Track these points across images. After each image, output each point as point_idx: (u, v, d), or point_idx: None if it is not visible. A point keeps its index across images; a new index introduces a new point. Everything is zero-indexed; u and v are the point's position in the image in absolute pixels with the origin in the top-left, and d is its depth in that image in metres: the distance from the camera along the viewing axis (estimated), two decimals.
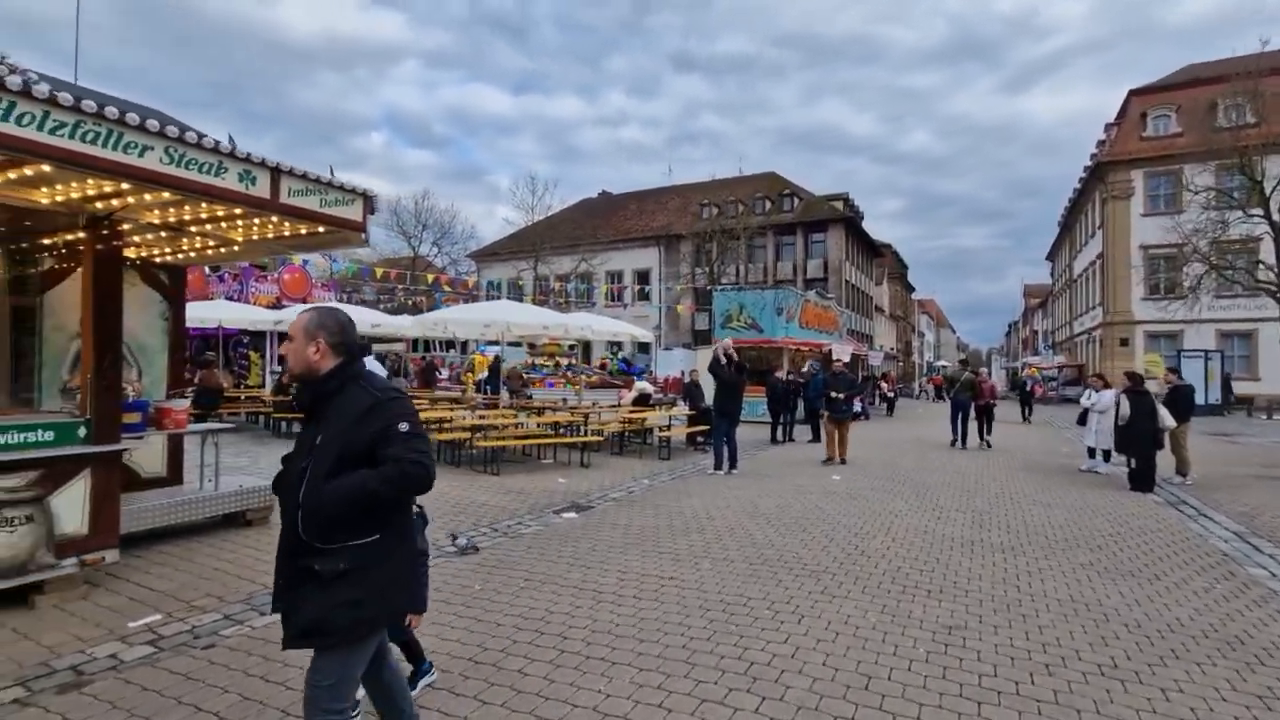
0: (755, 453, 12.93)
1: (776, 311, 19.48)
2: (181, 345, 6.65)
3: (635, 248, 45.89)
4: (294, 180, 4.39)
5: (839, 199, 44.74)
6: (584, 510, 7.50)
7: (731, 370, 10.49)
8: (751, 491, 8.74)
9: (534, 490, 8.57)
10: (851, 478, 10.02)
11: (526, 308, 10.29)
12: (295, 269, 17.09)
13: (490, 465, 9.73)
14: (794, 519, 7.15)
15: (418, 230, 42.54)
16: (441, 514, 7.06)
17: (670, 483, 9.40)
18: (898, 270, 72.29)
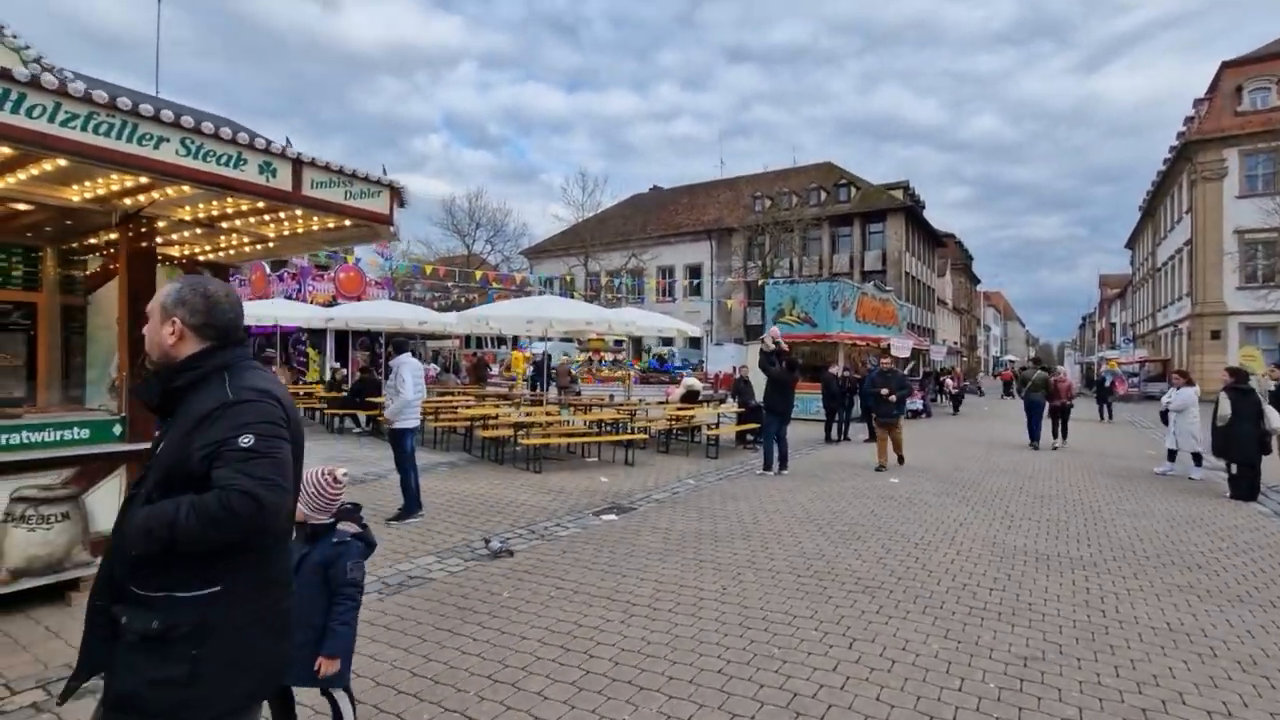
0: (808, 452, 12.40)
1: (831, 305, 18.76)
2: None
3: (686, 242, 45.40)
4: (316, 172, 4.25)
5: (898, 188, 43.08)
6: (625, 512, 7.23)
7: (782, 366, 10.02)
8: (802, 495, 8.29)
9: (575, 490, 8.35)
10: (911, 481, 9.42)
11: (569, 303, 10.10)
12: (350, 268, 17.47)
13: (533, 463, 9.58)
14: (847, 526, 6.69)
15: (471, 228, 43.20)
16: (480, 515, 6.92)
17: (717, 483, 9.03)
18: (962, 261, 69.32)
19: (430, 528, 6.36)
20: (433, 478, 8.86)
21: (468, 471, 9.39)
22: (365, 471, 9.09)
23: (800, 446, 12.82)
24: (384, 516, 6.66)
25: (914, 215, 42.60)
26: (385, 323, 11.96)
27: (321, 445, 11.39)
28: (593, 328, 9.66)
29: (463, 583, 4.86)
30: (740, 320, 42.46)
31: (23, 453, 4.14)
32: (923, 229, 45.98)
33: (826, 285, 19.11)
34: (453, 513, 6.98)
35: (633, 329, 10.51)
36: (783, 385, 9.97)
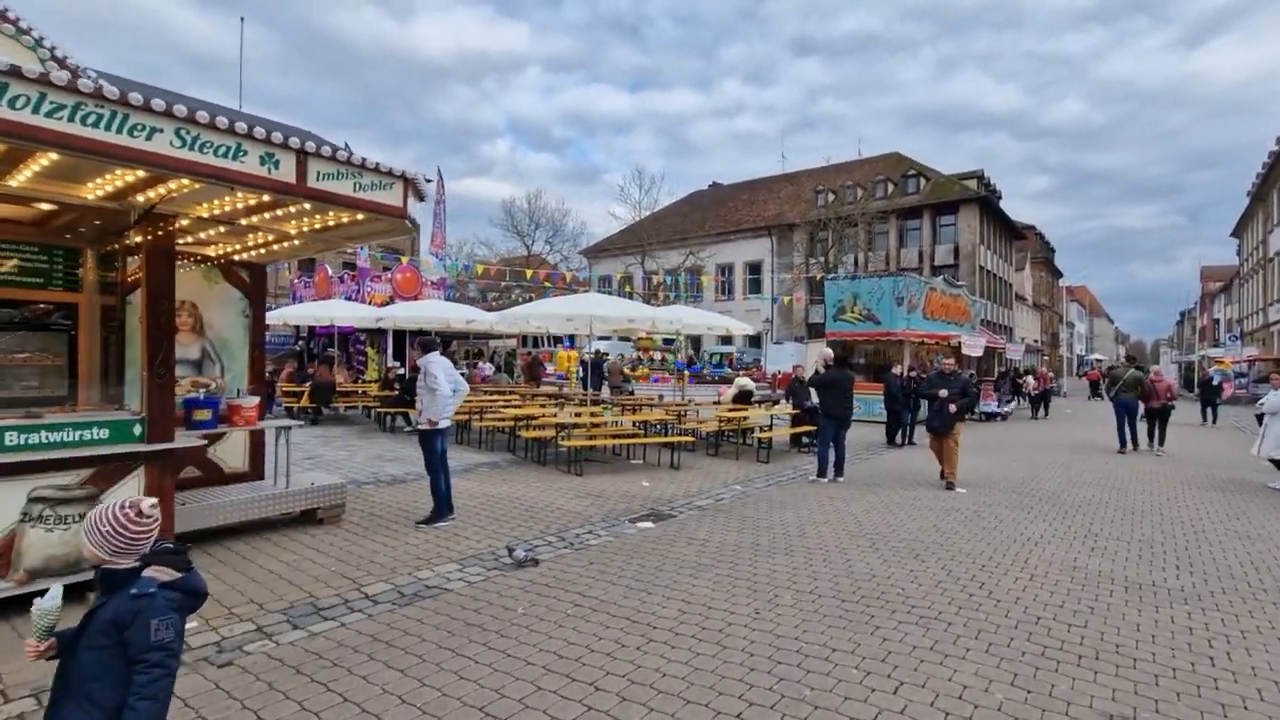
0: (868, 457, 11.67)
1: (896, 301, 17.77)
2: (261, 342, 6.71)
3: (746, 239, 44.49)
4: (322, 163, 4.06)
5: (972, 177, 40.84)
6: (662, 520, 6.84)
7: (832, 369, 9.42)
8: (856, 505, 7.69)
9: (614, 494, 8.03)
10: (980, 492, 8.64)
11: (613, 300, 9.79)
12: (406, 268, 17.79)
13: (574, 466, 9.32)
14: (904, 542, 6.08)
15: (530, 229, 43.69)
16: (512, 520, 6.68)
17: (765, 490, 8.52)
18: (1043, 254, 65.34)
19: (458, 533, 6.16)
20: (471, 479, 8.73)
21: (508, 473, 9.22)
22: (407, 471, 9.05)
23: (859, 451, 12.10)
24: (415, 519, 6.52)
25: (989, 206, 40.28)
26: (434, 322, 12.01)
27: (371, 443, 11.51)
28: (636, 325, 9.31)
29: (479, 595, 4.60)
30: (802, 318, 41.28)
31: (40, 453, 4.13)
32: (999, 220, 43.46)
33: (891, 280, 18.13)
34: (484, 517, 6.77)
35: (680, 326, 10.10)
36: (837, 388, 9.35)
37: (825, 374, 9.49)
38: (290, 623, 4.10)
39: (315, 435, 12.25)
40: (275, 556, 5.34)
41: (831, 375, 9.45)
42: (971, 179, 40.81)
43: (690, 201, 52.57)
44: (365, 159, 4.27)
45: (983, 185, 40.82)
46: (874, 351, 19.14)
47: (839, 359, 9.52)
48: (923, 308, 19.07)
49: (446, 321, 11.81)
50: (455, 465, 9.58)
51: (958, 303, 22.09)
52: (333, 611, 4.29)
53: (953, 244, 38.74)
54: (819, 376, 9.55)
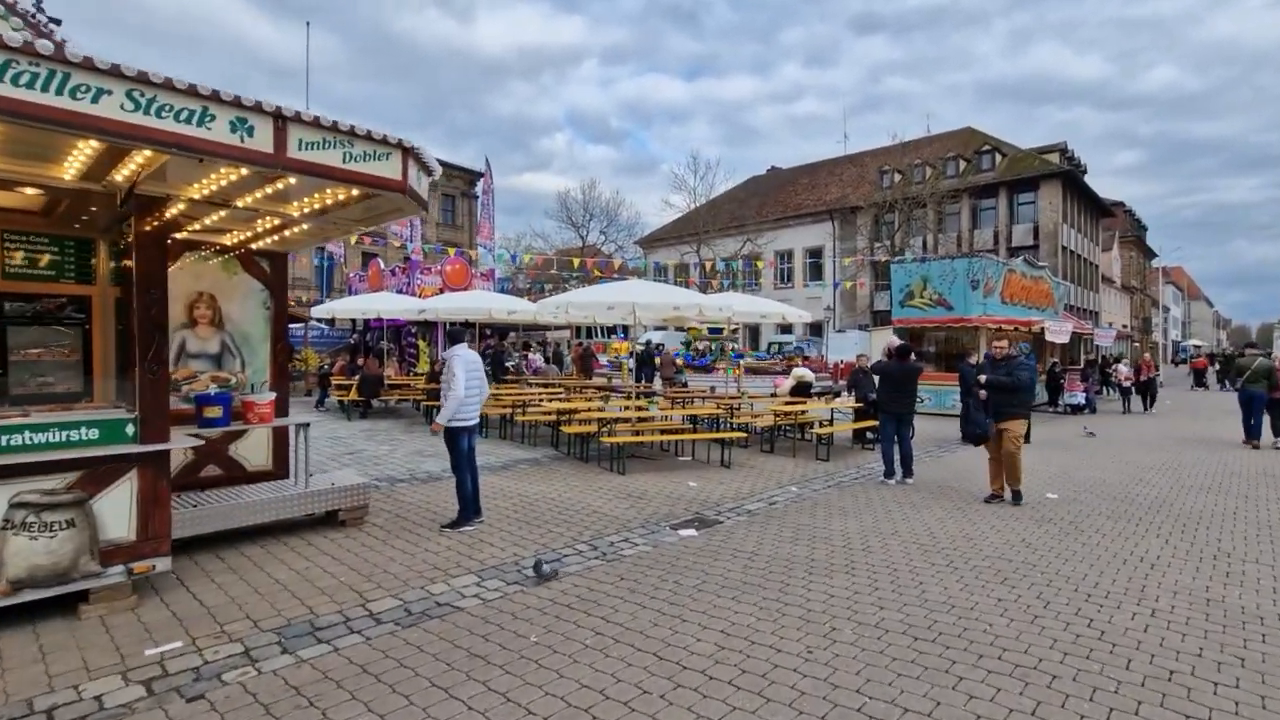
0: (940, 454, 10.65)
1: (970, 284, 16.39)
2: (283, 334, 6.40)
3: (806, 224, 42.91)
4: (304, 129, 3.58)
5: (1054, 150, 38.03)
6: (707, 526, 6.19)
7: (892, 359, 8.56)
8: (929, 512, 6.82)
9: (657, 495, 7.42)
10: (1075, 498, 7.59)
11: (655, 286, 9.17)
12: (456, 260, 17.65)
13: (617, 463, 8.76)
14: (987, 561, 5.23)
15: (585, 219, 43.43)
16: (543, 524, 6.16)
17: (824, 493, 7.73)
18: (1133, 233, 60.60)
19: (483, 539, 5.69)
20: (508, 476, 8.29)
21: (547, 471, 8.75)
22: (444, 468, 8.65)
23: (930, 447, 11.07)
24: (441, 522, 6.10)
25: (1073, 181, 37.38)
26: (477, 313, 11.70)
27: (415, 438, 11.29)
28: (682, 313, 8.65)
29: (491, 616, 4.08)
30: (867, 305, 39.51)
31: (23, 455, 3.85)
32: (1084, 196, 40.34)
33: (965, 262, 16.75)
34: (514, 520, 6.29)
35: (729, 314, 9.37)
36: (897, 381, 8.47)
37: (883, 363, 8.72)
38: (281, 645, 3.69)
39: (362, 429, 12.15)
40: (286, 563, 4.99)
41: (887, 366, 8.64)
42: (1053, 153, 37.97)
43: (748, 187, 51.17)
44: (355, 125, 3.77)
45: (1065, 159, 37.92)
46: (946, 339, 17.80)
47: (903, 349, 8.61)
48: (1000, 291, 17.58)
49: (489, 312, 11.46)
50: (493, 461, 9.24)
51: (1039, 285, 20.35)
52: (330, 632, 3.85)
53: (1032, 223, 36.17)
54: (877, 364, 8.78)
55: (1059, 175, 35.63)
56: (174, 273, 5.70)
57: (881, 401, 8.59)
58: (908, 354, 8.62)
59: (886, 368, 8.67)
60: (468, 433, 6.08)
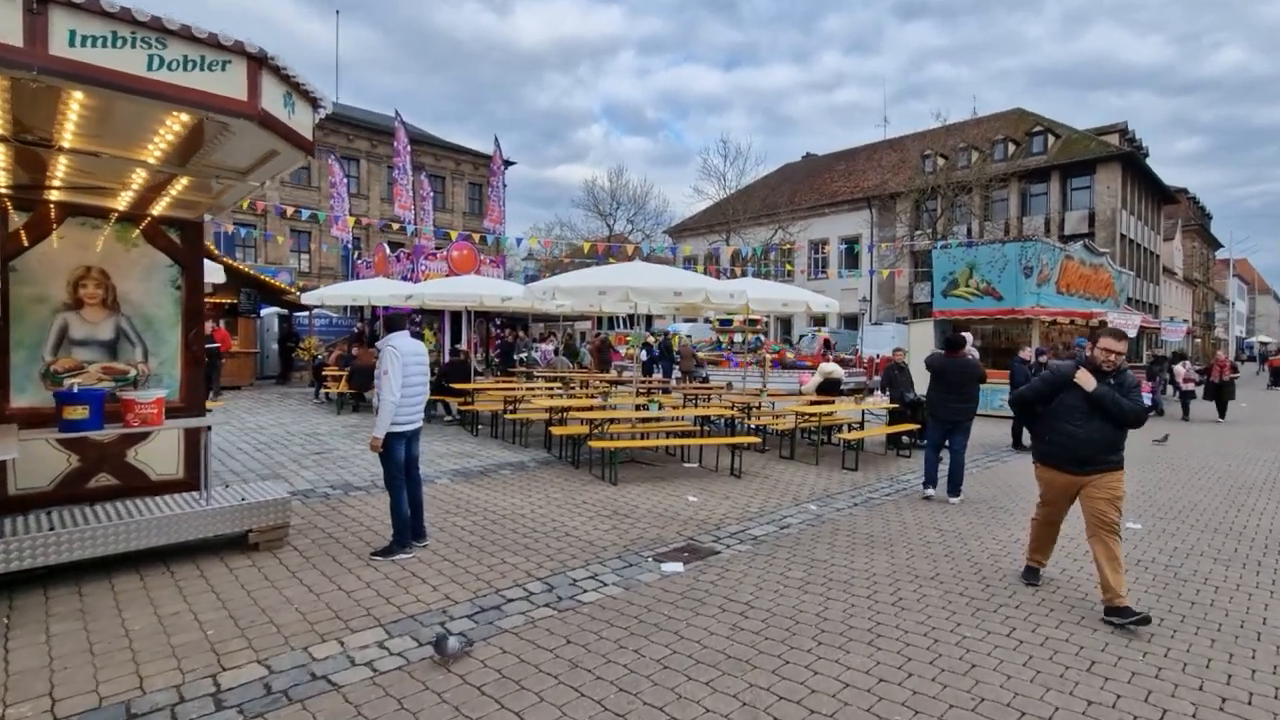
0: (988, 464, 9.24)
1: (1023, 272, 14.75)
2: (197, 317, 5.42)
3: (843, 212, 41.02)
4: (80, 17, 2.50)
5: (1112, 131, 35.39)
6: (700, 558, 5.01)
7: (944, 353, 7.20)
8: (979, 545, 5.52)
9: (649, 513, 6.26)
10: (1165, 529, 6.19)
11: (653, 268, 7.99)
12: (463, 245, 16.68)
13: (609, 470, 7.62)
14: (1062, 628, 3.93)
15: (612, 208, 42.29)
16: (498, 551, 5.03)
17: (848, 513, 6.47)
18: (1195, 222, 56.83)
19: (416, 572, 4.61)
20: (483, 485, 7.22)
21: (529, 479, 7.66)
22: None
23: (977, 456, 9.66)
24: (378, 547, 5.04)
25: (1134, 164, 34.76)
26: (467, 299, 10.69)
27: None
28: (685, 299, 7.45)
29: (369, 704, 2.99)
30: (906, 296, 37.56)
31: None
32: (1145, 181, 37.59)
33: (1016, 246, 15.09)
34: (464, 546, 5.20)
35: (740, 300, 8.13)
36: (944, 380, 7.12)
37: (936, 357, 7.33)
38: None
39: (348, 424, 11.25)
40: (157, 605, 3.98)
41: (940, 362, 7.22)
42: (1111, 133, 35.34)
43: (782, 174, 49.36)
44: (167, 17, 2.67)
45: (1125, 140, 35.25)
46: (993, 333, 16.18)
47: (953, 340, 7.24)
48: (1056, 280, 15.86)
49: (479, 299, 10.43)
50: (472, 466, 8.14)
51: (1099, 275, 18.48)
52: None
53: (1087, 209, 33.73)
54: (930, 358, 7.38)
55: (1118, 158, 33.11)
56: (52, 243, 4.73)
57: (931, 404, 7.24)
58: (960, 346, 7.23)
59: (939, 363, 7.25)
60: (406, 440, 4.99)
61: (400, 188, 16.23)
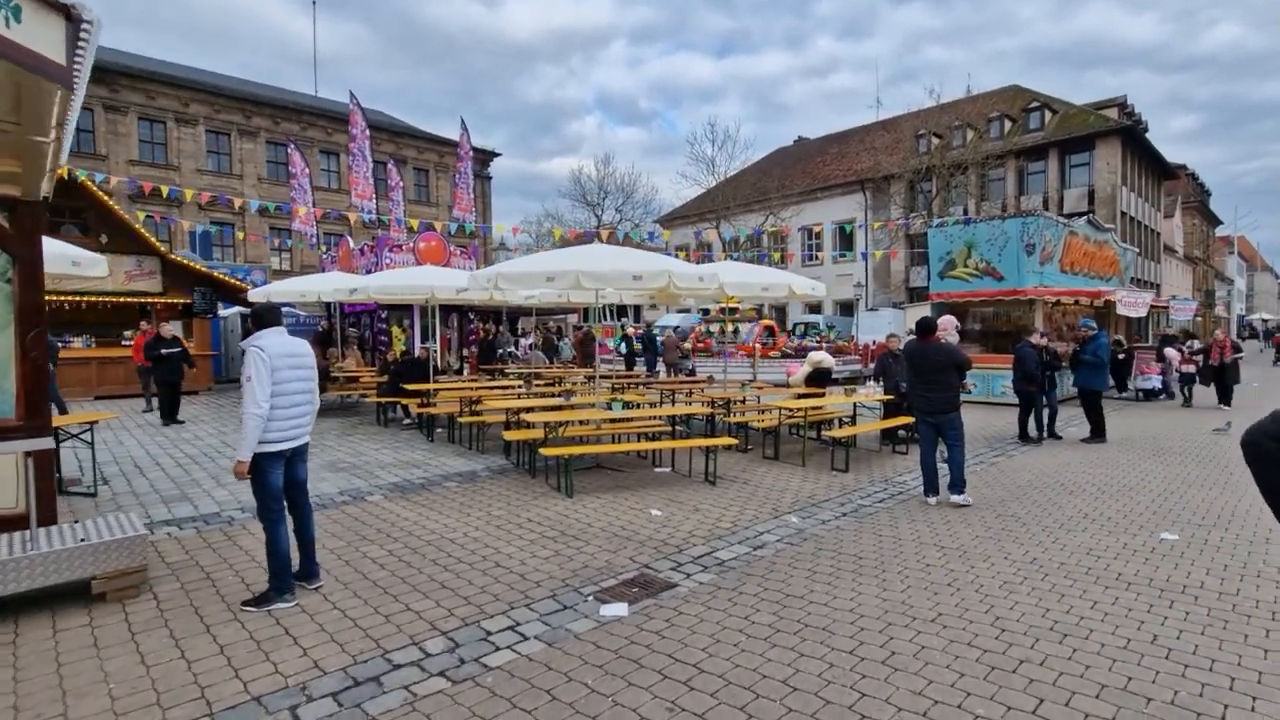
0: (994, 459, 8.34)
1: (1026, 250, 13.82)
2: (37, 316, 4.47)
3: (836, 195, 40.04)
4: None
5: (1111, 106, 34.41)
6: (649, 595, 4.12)
7: (915, 337, 6.38)
8: (990, 568, 4.62)
9: (602, 533, 5.36)
10: (1207, 539, 5.30)
11: (614, 251, 7.06)
12: (432, 236, 15.70)
13: (563, 480, 6.69)
14: (1102, 702, 3.03)
15: (599, 197, 41.23)
16: (413, 588, 4.11)
17: (834, 526, 5.57)
18: (1195, 199, 55.86)
19: (290, 630, 3.70)
20: (418, 502, 6.31)
21: (474, 492, 6.75)
22: (346, 489, 6.77)
23: (980, 449, 8.77)
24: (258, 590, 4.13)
25: (1134, 138, 33.78)
26: (419, 291, 9.77)
27: (347, 443, 9.39)
28: (645, 284, 6.51)
29: None
30: (902, 281, 36.62)
31: None
32: (1146, 156, 36.63)
33: (1018, 222, 14.15)
34: (365, 587, 4.29)
35: (713, 284, 7.19)
36: (920, 367, 6.31)
37: (908, 345, 6.59)
38: None
39: None
40: None
41: (911, 348, 6.47)
42: (1110, 108, 34.34)
43: (773, 160, 48.27)
44: None
45: (1125, 114, 34.23)
46: (995, 315, 15.29)
47: (923, 323, 6.39)
48: (1060, 257, 14.94)
49: (431, 290, 9.50)
50: (415, 478, 7.07)
51: (1104, 251, 17.57)
52: None
53: (1086, 186, 32.79)
54: (905, 347, 6.60)
55: (1118, 132, 32.11)
56: None
57: (910, 396, 6.42)
58: (931, 331, 6.36)
59: (910, 349, 6.59)
60: (283, 461, 4.06)
61: (356, 175, 15.21)
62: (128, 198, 28.54)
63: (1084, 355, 9.63)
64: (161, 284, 14.85)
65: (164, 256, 14.86)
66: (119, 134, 31.96)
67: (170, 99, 33.05)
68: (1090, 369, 9.55)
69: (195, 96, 33.59)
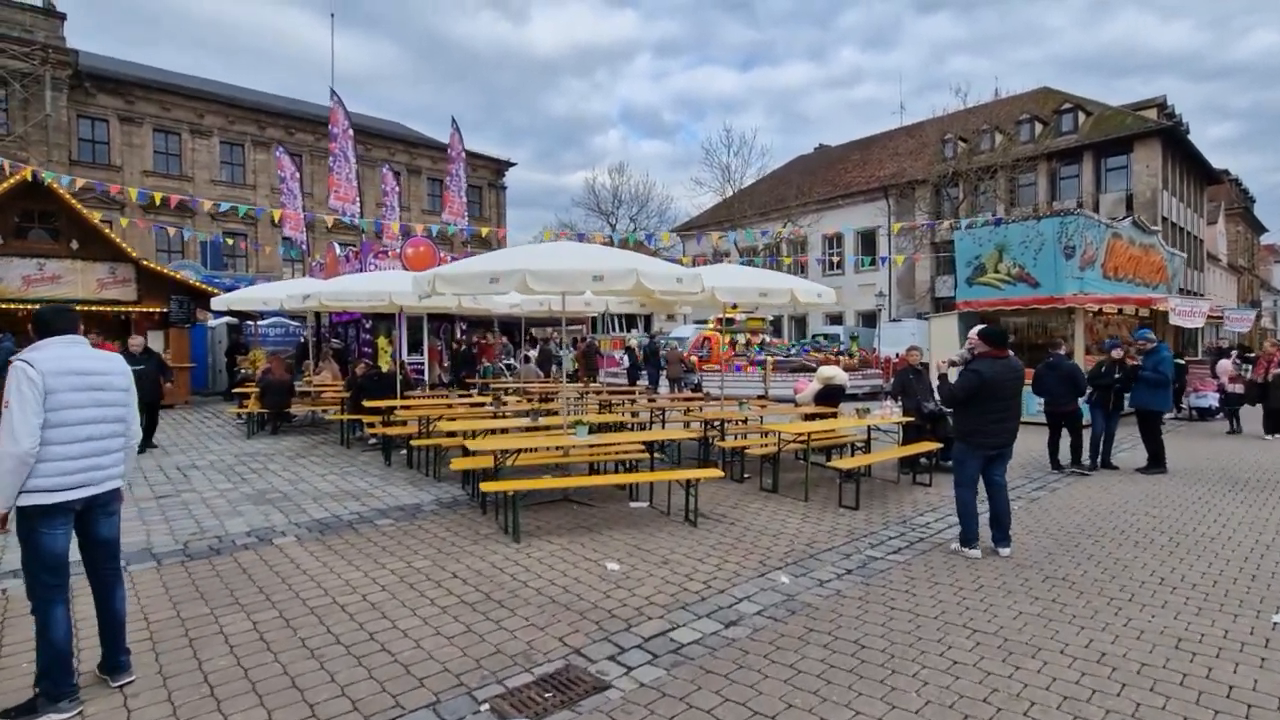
0: (1036, 492, 7.05)
1: (1064, 253, 12.45)
2: None
3: (858, 203, 38.65)
4: None
5: (1150, 106, 32.64)
6: (567, 705, 2.99)
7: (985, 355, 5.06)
8: (1042, 671, 3.39)
9: (537, 594, 4.24)
10: None
11: (569, 247, 6.02)
12: (420, 241, 14.81)
13: (509, 521, 5.56)
14: None
15: (613, 206, 40.38)
16: (249, 689, 3.00)
17: (839, 588, 4.37)
18: (1239, 205, 53.32)
19: None
20: (339, 546, 5.23)
21: (409, 532, 5.67)
22: (257, 527, 5.74)
23: (1020, 477, 7.47)
24: (18, 701, 3.06)
25: (1175, 140, 31.97)
26: (374, 298, 8.81)
27: (296, 468, 8.39)
28: (607, 284, 5.40)
29: None
30: (927, 291, 35.03)
31: None
32: (1187, 159, 34.71)
33: (1055, 222, 12.79)
34: (186, 689, 3.20)
35: (695, 286, 6.03)
36: (996, 393, 4.97)
37: (978, 367, 5.06)
38: None
39: (244, 453, 9.34)
40: None
41: (989, 369, 5.01)
42: (1149, 108, 32.55)
43: (794, 168, 47.07)
44: None
45: (1165, 115, 32.41)
46: (1029, 326, 13.89)
47: (993, 334, 5.11)
48: (1103, 261, 13.52)
49: (389, 296, 8.53)
50: (349, 512, 5.86)
51: (1150, 256, 16.05)
52: None
53: (1124, 190, 31.04)
54: (968, 375, 5.05)
55: (1158, 133, 30.37)
56: None
57: (970, 428, 5.08)
58: (1005, 342, 5.12)
59: (988, 371, 4.94)
60: (70, 518, 3.00)
61: (336, 177, 14.38)
62: (141, 208, 28.45)
63: (1143, 371, 8.28)
64: (136, 292, 14.14)
65: (138, 263, 14.15)
66: (134, 145, 31.92)
67: (185, 110, 33.03)
68: (1150, 387, 8.20)
69: (210, 108, 33.54)
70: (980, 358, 5.06)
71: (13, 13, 28.00)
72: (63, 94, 29.13)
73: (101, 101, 30.95)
